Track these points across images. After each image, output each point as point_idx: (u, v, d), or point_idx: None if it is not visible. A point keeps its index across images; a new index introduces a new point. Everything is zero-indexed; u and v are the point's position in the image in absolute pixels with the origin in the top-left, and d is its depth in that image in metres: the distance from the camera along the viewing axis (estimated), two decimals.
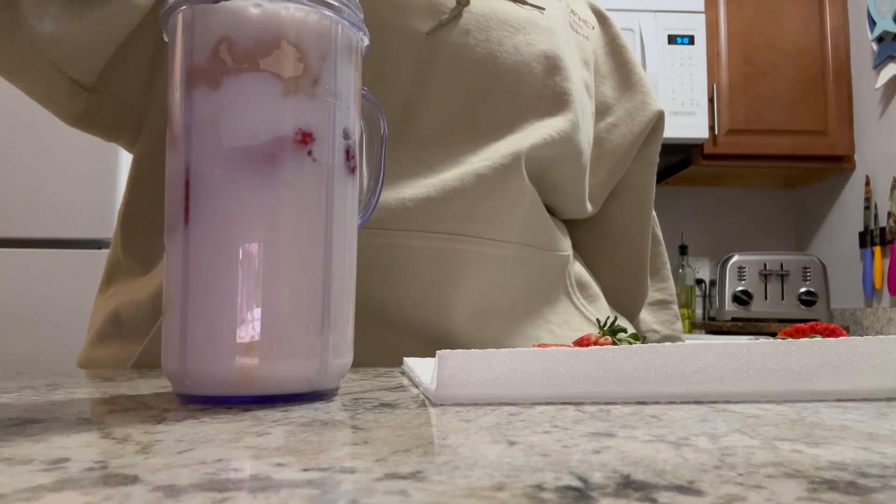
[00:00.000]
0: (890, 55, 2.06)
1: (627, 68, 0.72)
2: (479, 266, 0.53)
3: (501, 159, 0.53)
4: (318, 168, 0.29)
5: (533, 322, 0.57)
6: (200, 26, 0.29)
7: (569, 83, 0.59)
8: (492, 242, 0.53)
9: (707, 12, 2.20)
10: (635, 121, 0.70)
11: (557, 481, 0.15)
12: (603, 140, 0.69)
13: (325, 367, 0.29)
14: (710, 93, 2.19)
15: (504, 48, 0.55)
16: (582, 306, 0.62)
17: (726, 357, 0.28)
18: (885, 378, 0.28)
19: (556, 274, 0.61)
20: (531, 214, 0.57)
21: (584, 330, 0.60)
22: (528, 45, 0.57)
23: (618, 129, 0.70)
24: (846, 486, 0.15)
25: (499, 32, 0.56)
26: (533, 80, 0.57)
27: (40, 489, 0.15)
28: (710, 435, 0.21)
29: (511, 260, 0.55)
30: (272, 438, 0.20)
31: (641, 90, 0.72)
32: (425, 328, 0.51)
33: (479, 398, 0.27)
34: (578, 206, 0.66)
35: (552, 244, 0.60)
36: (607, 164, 0.69)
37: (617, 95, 0.71)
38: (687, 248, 2.40)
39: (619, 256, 0.73)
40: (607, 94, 0.70)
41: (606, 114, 0.70)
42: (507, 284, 0.55)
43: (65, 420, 0.24)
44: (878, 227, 2.14)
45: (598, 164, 0.68)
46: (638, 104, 0.71)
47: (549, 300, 0.60)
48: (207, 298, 0.28)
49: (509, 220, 0.54)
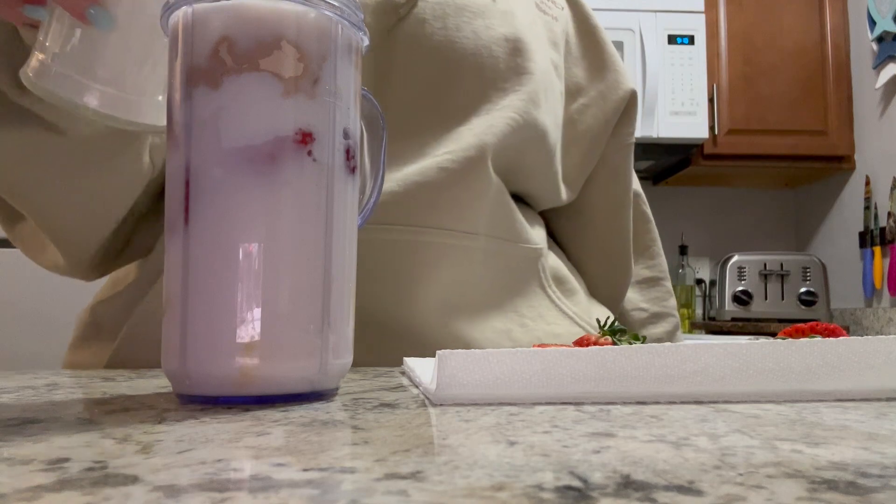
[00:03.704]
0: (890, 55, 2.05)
1: (599, 48, 0.71)
2: (445, 258, 0.52)
3: (465, 151, 0.53)
4: (318, 168, 0.29)
5: (504, 315, 0.57)
6: (200, 26, 0.29)
7: (531, 63, 0.58)
8: (457, 234, 0.53)
9: (707, 12, 2.20)
10: (608, 101, 0.69)
11: (557, 481, 0.15)
12: (576, 122, 0.68)
13: (325, 367, 0.29)
14: (710, 93, 2.19)
15: (463, 34, 0.55)
16: (558, 300, 0.61)
17: (726, 357, 0.28)
18: (885, 378, 0.28)
19: (529, 267, 0.60)
20: (498, 206, 0.57)
21: (560, 323, 0.60)
22: (488, 28, 0.57)
23: (590, 109, 0.69)
24: (846, 486, 0.15)
25: (456, 19, 0.56)
26: (494, 62, 0.56)
27: (40, 489, 0.15)
28: (710, 435, 0.21)
29: (479, 252, 0.55)
30: (272, 438, 0.20)
31: (614, 70, 0.71)
32: (391, 321, 0.50)
33: (479, 398, 0.27)
34: (553, 193, 0.65)
35: (522, 237, 0.59)
36: (581, 147, 0.68)
37: (589, 76, 0.70)
38: (687, 248, 2.40)
39: (600, 241, 0.72)
40: (579, 76, 0.70)
41: (579, 95, 0.69)
42: (477, 277, 0.55)
43: (65, 420, 0.24)
44: (878, 227, 2.14)
45: (573, 147, 0.68)
46: (610, 84, 0.70)
47: (521, 293, 0.59)
48: (207, 298, 0.28)
49: (475, 211, 0.54)
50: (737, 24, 2.25)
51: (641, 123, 2.09)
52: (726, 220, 2.60)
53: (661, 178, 2.48)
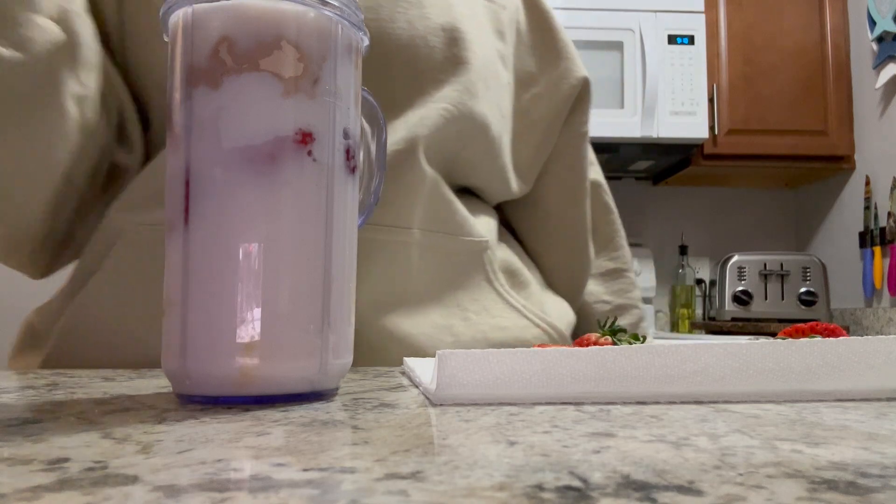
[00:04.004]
0: (890, 55, 2.05)
1: (551, 36, 0.69)
2: (378, 252, 0.51)
3: (394, 145, 0.52)
4: (318, 168, 0.29)
5: (446, 309, 0.55)
6: (200, 26, 0.29)
7: (469, 53, 0.57)
8: (389, 229, 0.52)
9: (707, 12, 2.20)
10: (559, 90, 0.68)
11: (557, 481, 0.15)
12: (528, 112, 0.67)
13: (325, 367, 0.29)
14: (710, 93, 2.19)
15: (397, 24, 0.54)
16: (506, 293, 0.60)
17: (726, 357, 0.28)
18: (885, 378, 0.28)
19: (472, 260, 0.58)
20: (435, 200, 0.55)
21: (507, 317, 0.58)
22: (424, 18, 0.55)
23: (542, 99, 0.68)
24: (846, 486, 0.15)
25: (391, 9, 0.54)
26: (431, 53, 0.55)
27: (40, 489, 0.15)
28: (710, 435, 0.21)
29: (415, 247, 0.54)
30: (272, 438, 0.20)
31: (566, 58, 0.69)
32: None
33: (479, 398, 0.27)
34: (502, 185, 0.64)
35: (464, 230, 0.58)
36: (534, 137, 0.67)
37: (541, 65, 0.68)
38: (687, 248, 2.40)
39: (557, 232, 0.71)
40: (531, 65, 0.68)
41: (532, 84, 0.67)
42: (413, 271, 0.54)
43: (65, 420, 0.24)
44: (878, 227, 2.14)
45: (525, 138, 0.66)
46: (562, 72, 0.68)
47: (464, 287, 0.57)
48: (207, 298, 0.28)
49: (407, 205, 0.53)
50: (737, 24, 2.25)
51: (642, 123, 2.09)
52: (726, 220, 2.60)
53: (661, 178, 2.48)
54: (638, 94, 2.10)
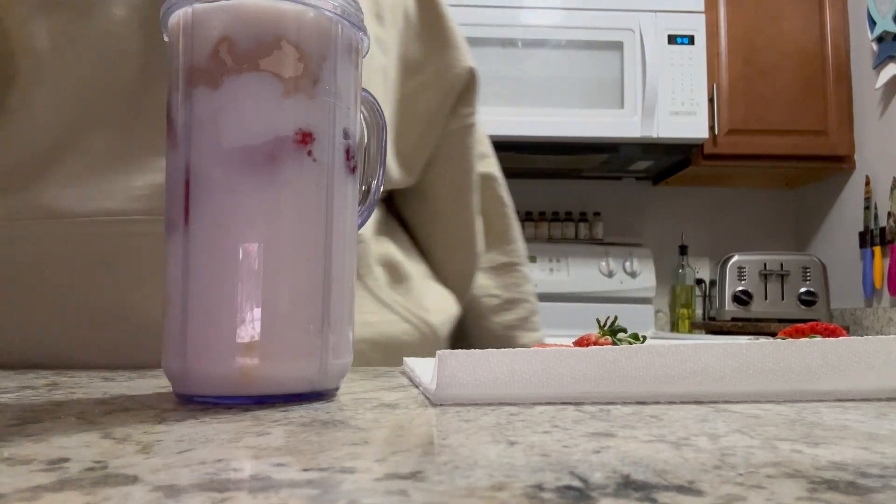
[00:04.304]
0: (890, 55, 2.05)
1: (438, 23, 0.67)
2: None
3: None
4: (318, 168, 0.29)
5: None
6: (200, 26, 0.29)
7: None
8: None
9: (707, 12, 2.20)
10: (444, 79, 0.66)
11: (557, 481, 0.15)
12: (413, 100, 0.65)
13: (325, 367, 0.29)
14: (710, 93, 2.19)
15: None
16: (377, 288, 0.58)
17: (726, 357, 0.28)
18: (885, 378, 0.28)
19: None
20: None
21: (376, 313, 0.56)
22: None
23: (428, 88, 0.65)
24: (846, 486, 0.15)
25: None
26: None
27: (40, 489, 0.15)
28: (710, 435, 0.21)
29: None
30: (272, 438, 0.20)
31: (453, 46, 0.67)
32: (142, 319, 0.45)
33: (479, 398, 0.27)
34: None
35: None
36: (418, 127, 0.65)
37: (427, 52, 0.66)
38: (687, 248, 2.39)
39: (444, 225, 0.70)
40: (418, 52, 0.65)
41: (418, 72, 0.65)
42: None
43: (65, 420, 0.24)
44: (878, 227, 2.14)
45: (410, 127, 0.64)
46: (448, 61, 0.66)
47: None
48: (207, 298, 0.28)
49: None
50: (737, 25, 2.25)
51: (641, 123, 2.09)
52: (726, 220, 2.59)
53: (661, 178, 2.48)
54: (638, 94, 2.10)
